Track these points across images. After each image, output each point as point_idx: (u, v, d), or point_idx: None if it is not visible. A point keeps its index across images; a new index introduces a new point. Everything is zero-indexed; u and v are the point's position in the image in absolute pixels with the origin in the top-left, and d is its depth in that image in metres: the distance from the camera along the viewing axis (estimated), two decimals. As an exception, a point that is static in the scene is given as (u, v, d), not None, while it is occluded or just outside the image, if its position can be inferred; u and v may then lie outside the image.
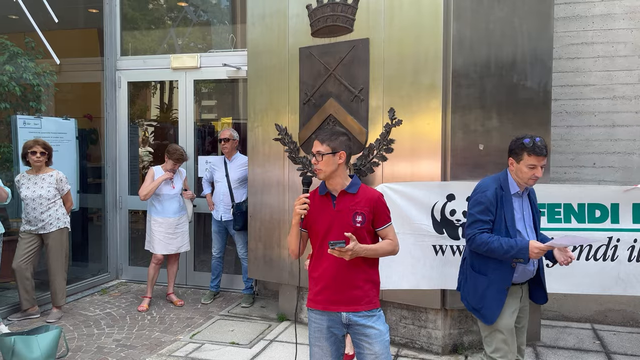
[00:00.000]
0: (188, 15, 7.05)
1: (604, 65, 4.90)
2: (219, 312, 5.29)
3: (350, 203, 2.60)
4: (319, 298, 2.64)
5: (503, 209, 2.89)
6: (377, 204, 2.62)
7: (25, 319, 4.96)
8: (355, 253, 2.46)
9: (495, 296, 2.93)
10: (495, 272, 2.93)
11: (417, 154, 4.13)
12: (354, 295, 2.59)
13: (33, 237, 4.92)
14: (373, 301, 2.63)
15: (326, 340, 2.66)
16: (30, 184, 4.87)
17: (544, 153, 2.81)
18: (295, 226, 2.64)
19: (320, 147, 2.59)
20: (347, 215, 2.58)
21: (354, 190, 2.63)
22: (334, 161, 2.59)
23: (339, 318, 2.62)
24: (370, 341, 2.58)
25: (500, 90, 4.17)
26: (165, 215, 5.39)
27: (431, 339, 4.26)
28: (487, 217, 2.89)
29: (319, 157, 2.59)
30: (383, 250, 2.61)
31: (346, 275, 2.58)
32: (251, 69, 5.03)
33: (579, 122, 4.97)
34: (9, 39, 5.67)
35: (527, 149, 2.81)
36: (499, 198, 2.90)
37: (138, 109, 7.50)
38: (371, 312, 2.61)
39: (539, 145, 2.80)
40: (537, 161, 2.81)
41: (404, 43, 4.16)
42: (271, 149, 4.89)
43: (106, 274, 6.37)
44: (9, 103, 5.62)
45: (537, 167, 2.81)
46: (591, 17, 4.91)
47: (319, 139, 2.62)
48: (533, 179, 2.85)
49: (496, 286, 2.92)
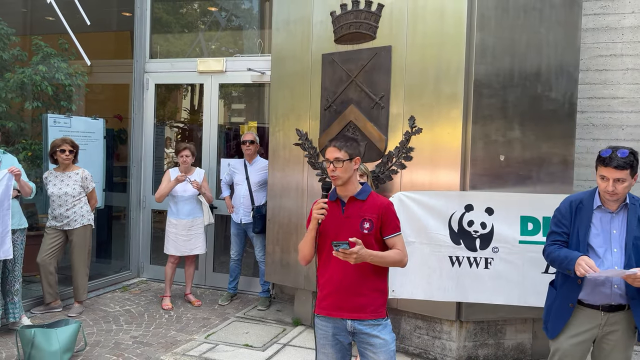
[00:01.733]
0: (218, 19, 7.17)
1: (634, 78, 4.79)
2: (235, 314, 5.33)
3: (359, 209, 2.60)
4: (324, 304, 2.63)
5: (577, 223, 2.75)
6: (385, 211, 2.60)
7: (48, 312, 5.09)
8: (361, 257, 2.42)
9: (558, 312, 2.82)
10: (562, 286, 2.83)
11: (437, 162, 4.10)
12: (359, 303, 2.57)
13: (58, 232, 5.05)
14: (379, 310, 2.60)
15: (332, 347, 2.65)
16: (57, 181, 5.02)
17: (616, 165, 2.54)
18: (312, 231, 2.60)
19: (338, 153, 2.57)
20: (355, 222, 2.57)
21: (363, 197, 2.63)
22: (351, 167, 2.60)
23: (344, 325, 2.61)
24: (375, 350, 2.57)
25: (523, 100, 4.12)
26: (179, 217, 5.46)
27: (445, 351, 4.20)
28: (559, 229, 2.82)
29: (338, 163, 2.56)
30: (391, 259, 2.57)
31: (352, 282, 2.57)
32: (274, 74, 5.08)
33: (605, 135, 4.85)
34: (44, 40, 5.87)
35: (599, 159, 2.64)
36: (574, 211, 2.78)
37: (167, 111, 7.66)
38: (377, 321, 2.59)
39: (612, 156, 2.56)
40: (607, 172, 2.59)
41: (426, 51, 4.15)
42: (291, 154, 4.92)
43: (128, 272, 6.49)
44: (41, 102, 5.81)
45: (608, 179, 2.59)
46: (621, 28, 4.80)
47: (336, 145, 2.59)
48: (609, 194, 2.62)
49: (560, 301, 2.82)
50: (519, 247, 3.81)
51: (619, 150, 2.59)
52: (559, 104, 4.20)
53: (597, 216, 2.73)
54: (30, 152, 5.79)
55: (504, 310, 3.98)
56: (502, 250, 3.86)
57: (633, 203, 2.72)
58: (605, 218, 2.73)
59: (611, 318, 2.71)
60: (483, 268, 3.91)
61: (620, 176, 2.57)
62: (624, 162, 2.56)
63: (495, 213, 3.87)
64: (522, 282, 3.83)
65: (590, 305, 2.74)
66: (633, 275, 2.49)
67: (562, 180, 4.16)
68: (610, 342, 2.75)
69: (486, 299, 3.90)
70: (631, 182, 2.63)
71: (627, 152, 2.59)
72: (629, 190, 2.68)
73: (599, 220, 2.73)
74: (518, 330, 4.27)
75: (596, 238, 2.70)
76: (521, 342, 4.29)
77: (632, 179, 2.63)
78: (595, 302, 2.73)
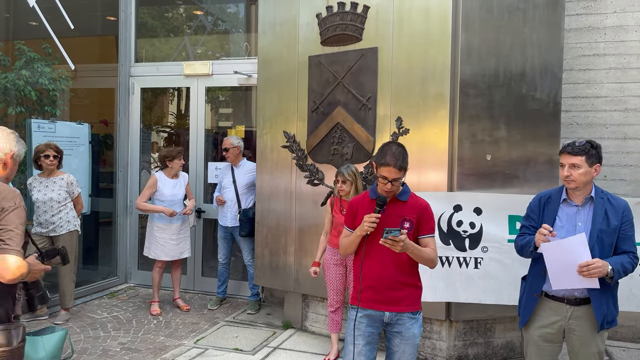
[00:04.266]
0: (204, 23, 7.14)
1: (616, 77, 4.85)
2: (225, 318, 5.30)
3: (399, 209, 2.71)
4: (363, 296, 2.73)
5: (544, 216, 2.85)
6: (423, 212, 2.72)
7: (34, 319, 5.01)
8: (406, 247, 2.53)
9: (526, 303, 2.92)
10: (530, 278, 2.95)
11: (424, 163, 4.12)
12: (396, 296, 2.69)
13: (44, 239, 4.98)
14: (415, 303, 2.73)
15: (363, 339, 2.73)
16: (42, 187, 4.95)
17: (571, 150, 2.69)
18: (359, 237, 2.68)
19: (398, 174, 2.61)
20: (395, 221, 2.66)
21: (404, 198, 2.73)
22: None
23: (381, 317, 2.72)
24: (403, 341, 2.71)
25: (509, 100, 4.15)
26: (171, 221, 5.39)
27: (435, 350, 4.21)
28: (527, 223, 2.94)
29: (396, 182, 2.63)
30: (427, 255, 2.68)
31: (391, 276, 2.68)
32: (261, 77, 5.07)
33: (590, 134, 4.91)
34: (27, 44, 5.79)
35: (561, 149, 2.78)
36: (542, 205, 2.88)
37: (153, 116, 7.61)
38: (414, 315, 2.72)
39: (570, 144, 2.72)
40: (563, 159, 2.73)
41: (412, 52, 4.17)
42: (279, 156, 4.91)
43: (115, 278, 6.42)
44: (25, 107, 5.72)
45: (564, 165, 2.72)
46: (603, 28, 4.87)
47: (396, 166, 2.59)
48: (566, 181, 2.73)
49: (527, 292, 2.93)
50: (508, 246, 3.82)
51: (579, 140, 2.75)
52: (544, 103, 4.24)
53: (562, 209, 2.81)
54: (15, 158, 5.69)
55: (493, 309, 4.00)
56: (492, 250, 3.88)
57: (601, 197, 2.77)
58: (571, 211, 2.79)
59: (576, 311, 2.76)
60: (473, 268, 3.92)
61: (574, 161, 2.68)
62: (578, 148, 2.69)
63: (484, 213, 3.89)
64: (512, 281, 3.83)
65: (555, 298, 2.81)
66: (587, 266, 2.57)
67: (548, 179, 4.19)
68: (579, 337, 2.77)
69: (477, 298, 3.92)
70: (589, 170, 2.69)
71: (585, 142, 2.72)
72: (588, 179, 2.70)
73: (564, 213, 2.80)
74: (507, 329, 4.30)
75: (560, 230, 2.76)
76: (510, 340, 4.32)
77: (591, 168, 2.70)
78: (559, 294, 2.79)
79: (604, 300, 2.71)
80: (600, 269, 2.57)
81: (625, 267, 2.67)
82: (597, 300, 2.70)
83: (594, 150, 2.71)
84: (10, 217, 2.33)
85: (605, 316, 2.72)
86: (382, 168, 2.62)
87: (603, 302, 2.71)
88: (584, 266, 2.58)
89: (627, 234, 2.75)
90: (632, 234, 2.78)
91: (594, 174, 2.72)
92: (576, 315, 2.75)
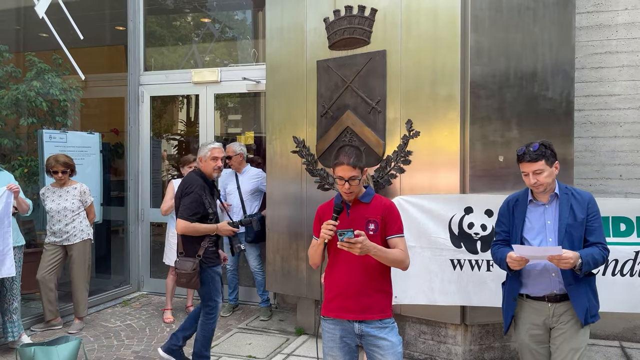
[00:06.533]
0: (211, 31, 7.17)
1: (630, 75, 4.78)
2: (238, 325, 5.28)
3: (363, 212, 2.65)
4: (331, 306, 2.67)
5: (514, 220, 2.87)
6: (388, 212, 2.65)
7: (48, 329, 5.03)
8: (366, 248, 2.45)
9: (507, 307, 2.94)
10: (508, 282, 2.95)
11: (435, 165, 4.08)
12: (365, 304, 2.60)
13: (57, 248, 5.01)
14: (385, 311, 2.63)
15: (339, 350, 2.66)
16: (55, 196, 4.98)
17: (530, 158, 2.70)
18: (320, 245, 2.66)
19: (353, 172, 2.58)
20: (360, 224, 2.61)
21: (367, 200, 2.68)
22: (362, 180, 2.66)
23: (352, 328, 2.63)
24: (382, 352, 2.59)
25: (521, 101, 4.10)
26: None
27: (451, 355, 4.16)
28: (499, 229, 2.96)
29: (354, 181, 2.58)
30: (393, 256, 2.58)
31: (358, 282, 2.60)
32: (269, 83, 5.06)
33: (604, 133, 4.84)
34: (37, 56, 5.85)
35: (517, 158, 2.79)
36: (511, 209, 2.90)
37: (163, 124, 7.64)
38: (383, 323, 2.61)
39: (525, 151, 2.74)
40: (524, 168, 2.75)
41: (421, 54, 4.14)
42: (289, 162, 4.89)
43: (128, 286, 6.44)
44: (36, 118, 5.78)
45: (528, 174, 2.73)
46: (615, 25, 4.80)
47: (350, 164, 2.58)
48: (534, 187, 2.75)
49: (507, 296, 2.94)
50: (521, 247, 3.77)
51: (531, 145, 2.75)
52: (556, 103, 4.19)
53: (530, 210, 2.84)
54: (27, 169, 5.75)
55: (508, 313, 3.93)
56: (505, 252, 3.82)
57: (565, 193, 2.81)
58: (539, 210, 2.82)
59: (558, 309, 2.76)
60: (485, 271, 3.86)
61: (536, 168, 2.71)
62: (535, 154, 2.71)
63: (495, 215, 3.83)
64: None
65: (536, 298, 2.81)
66: (557, 256, 2.56)
67: (562, 179, 4.04)
68: (563, 334, 2.76)
69: (490, 302, 3.85)
70: (551, 170, 2.74)
71: (538, 145, 2.74)
72: (552, 178, 2.76)
73: (533, 214, 2.83)
74: (524, 332, 4.23)
75: (530, 231, 2.80)
76: (527, 344, 4.24)
77: (552, 167, 2.75)
78: (539, 294, 2.79)
79: (583, 294, 2.74)
80: (570, 259, 2.57)
81: (595, 258, 2.68)
82: (576, 294, 2.72)
83: (549, 150, 2.75)
84: None
85: (588, 310, 2.73)
86: (337, 168, 2.62)
87: (582, 296, 2.72)
88: (555, 257, 2.58)
89: (594, 225, 2.76)
90: (598, 225, 2.79)
91: (555, 172, 2.77)
92: (559, 312, 2.76)
